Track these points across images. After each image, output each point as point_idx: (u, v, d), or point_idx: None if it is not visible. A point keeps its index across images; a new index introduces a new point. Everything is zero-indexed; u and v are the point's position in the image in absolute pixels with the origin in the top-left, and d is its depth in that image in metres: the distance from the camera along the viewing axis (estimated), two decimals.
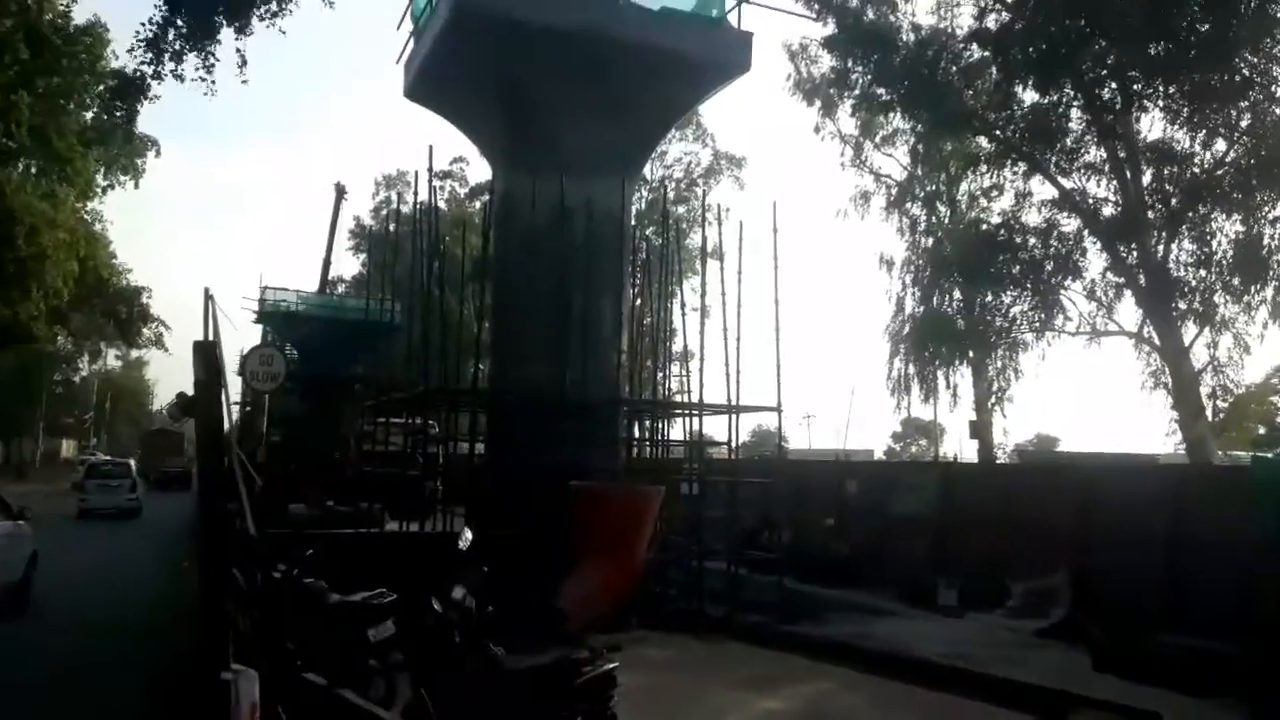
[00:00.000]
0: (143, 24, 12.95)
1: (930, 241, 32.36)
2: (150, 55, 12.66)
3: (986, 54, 24.45)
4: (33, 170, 28.29)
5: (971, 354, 30.18)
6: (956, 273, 28.33)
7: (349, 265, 59.55)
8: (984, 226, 29.00)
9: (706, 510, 14.01)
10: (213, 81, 13.36)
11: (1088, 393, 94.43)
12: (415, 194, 19.12)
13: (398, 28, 15.13)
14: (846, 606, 13.62)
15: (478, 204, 45.82)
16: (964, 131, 27.54)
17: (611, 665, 5.29)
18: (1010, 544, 13.91)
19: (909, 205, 33.24)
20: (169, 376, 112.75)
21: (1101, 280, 24.92)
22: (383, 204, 56.34)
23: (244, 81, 13.64)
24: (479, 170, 46.88)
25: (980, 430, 31.40)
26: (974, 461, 31.52)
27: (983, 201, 31.89)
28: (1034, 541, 13.42)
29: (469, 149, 43.58)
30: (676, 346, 20.26)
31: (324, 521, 14.60)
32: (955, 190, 32.97)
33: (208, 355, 3.21)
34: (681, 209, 37.72)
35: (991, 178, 28.62)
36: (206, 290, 6.23)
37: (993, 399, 30.53)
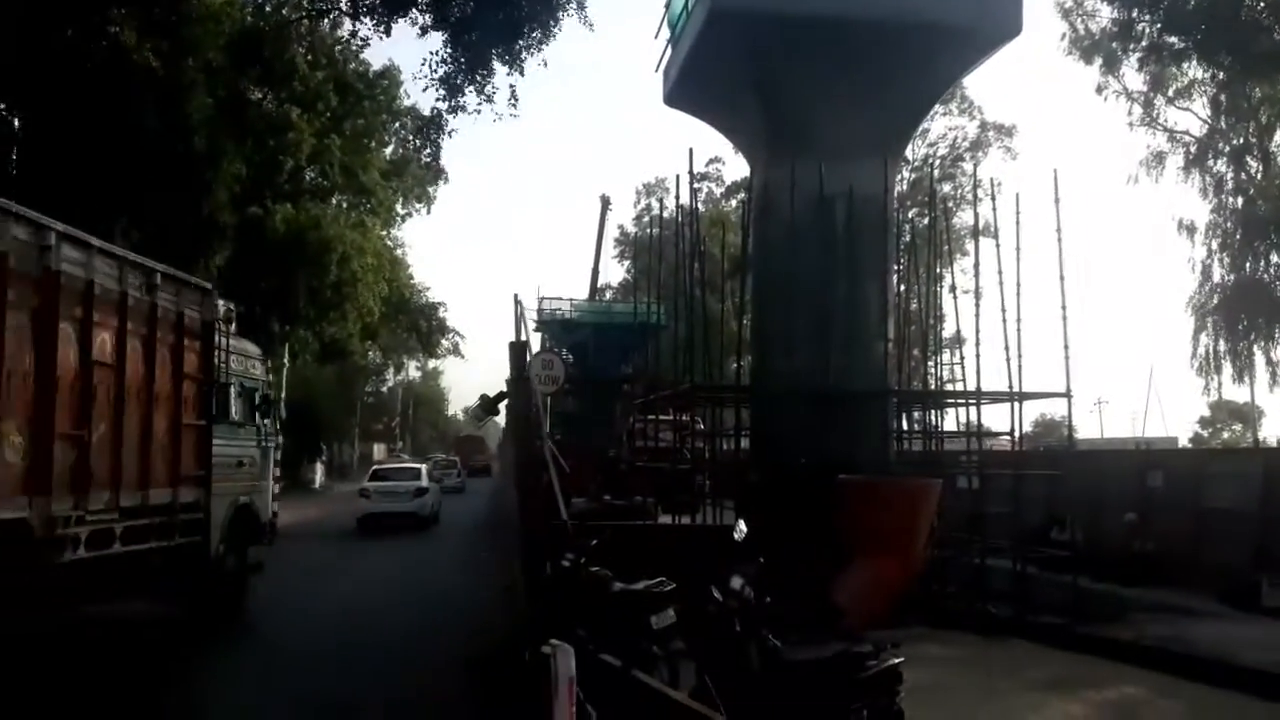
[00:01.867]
0: (424, 61, 14.31)
1: (1240, 201, 28.82)
2: (445, 92, 13.92)
3: None
4: (343, 204, 31.96)
5: None
6: (1274, 233, 25.07)
7: (615, 272, 62.32)
8: None
9: (988, 506, 13.28)
10: (496, 112, 14.51)
11: None
12: (677, 197, 19.67)
13: (655, 37, 15.63)
14: (1152, 607, 12.37)
15: (734, 203, 46.29)
16: (1278, 73, 24.29)
17: (897, 660, 5.17)
18: None
19: (1212, 163, 29.82)
20: (460, 383, 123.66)
21: None
22: (644, 211, 58.41)
23: (515, 115, 14.73)
24: (733, 169, 47.36)
25: None
26: None
27: None
28: None
29: (724, 150, 44.03)
30: (946, 332, 19.37)
31: (602, 514, 15.34)
32: (1268, 142, 29.15)
33: (519, 354, 3.58)
34: (947, 187, 36.03)
35: None
36: (516, 296, 6.80)
37: None
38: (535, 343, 40.06)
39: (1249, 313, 27.04)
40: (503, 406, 11.08)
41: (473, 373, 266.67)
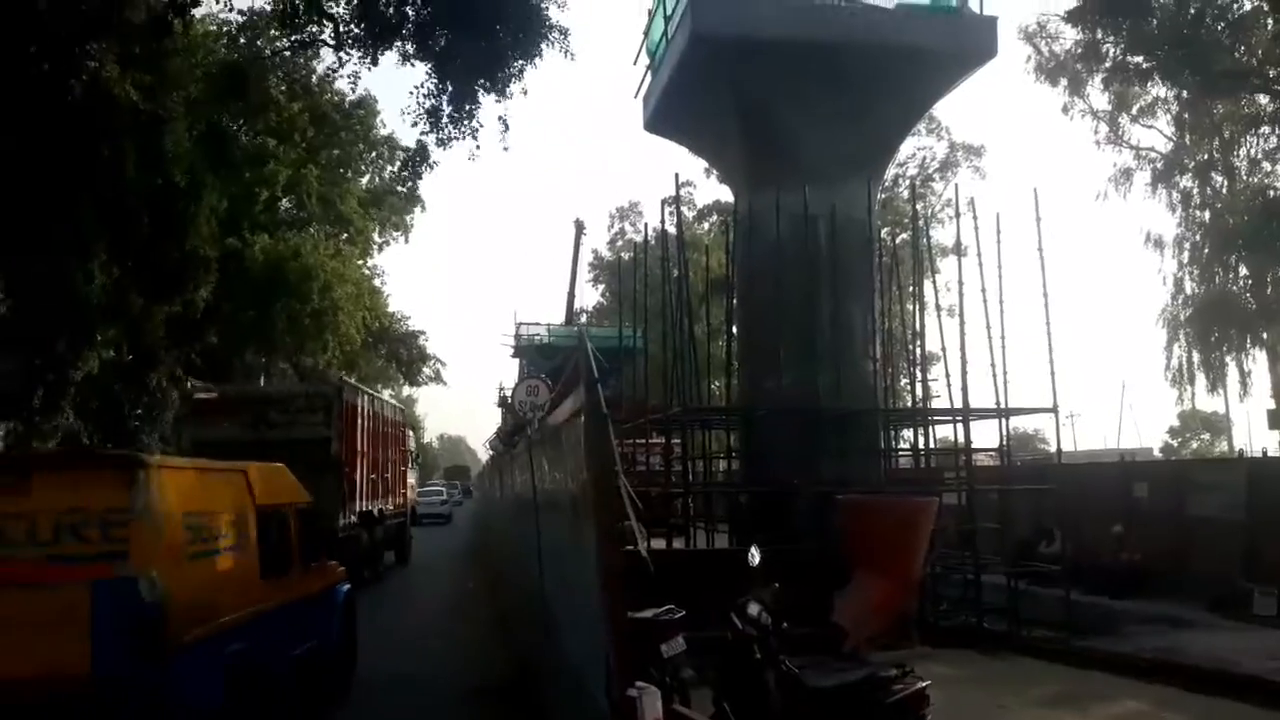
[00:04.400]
0: (413, 91, 14.30)
1: (1207, 215, 29.37)
2: (431, 124, 13.91)
3: (1261, 3, 22.01)
4: (321, 234, 31.74)
5: (1266, 335, 27.05)
6: (1242, 246, 25.56)
7: (590, 296, 62.27)
8: (1271, 193, 25.98)
9: (977, 521, 13.34)
10: (477, 146, 14.56)
11: None
12: (663, 220, 19.74)
13: (634, 63, 15.71)
14: (1144, 619, 12.48)
15: (705, 226, 46.45)
16: (1239, 90, 24.88)
17: (924, 683, 5.15)
18: None
19: (1178, 178, 30.38)
20: (435, 410, 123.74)
21: None
22: (617, 235, 58.53)
23: (505, 148, 14.77)
24: (705, 193, 47.49)
25: None
26: None
27: (1266, 165, 28.60)
28: None
29: (695, 174, 44.17)
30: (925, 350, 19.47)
31: None
32: (1232, 156, 29.77)
33: (593, 389, 3.76)
34: (917, 205, 36.29)
35: (1277, 138, 25.66)
36: (581, 329, 6.69)
37: None
38: (514, 369, 40.05)
39: (1221, 324, 27.50)
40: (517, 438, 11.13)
41: (448, 399, 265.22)
